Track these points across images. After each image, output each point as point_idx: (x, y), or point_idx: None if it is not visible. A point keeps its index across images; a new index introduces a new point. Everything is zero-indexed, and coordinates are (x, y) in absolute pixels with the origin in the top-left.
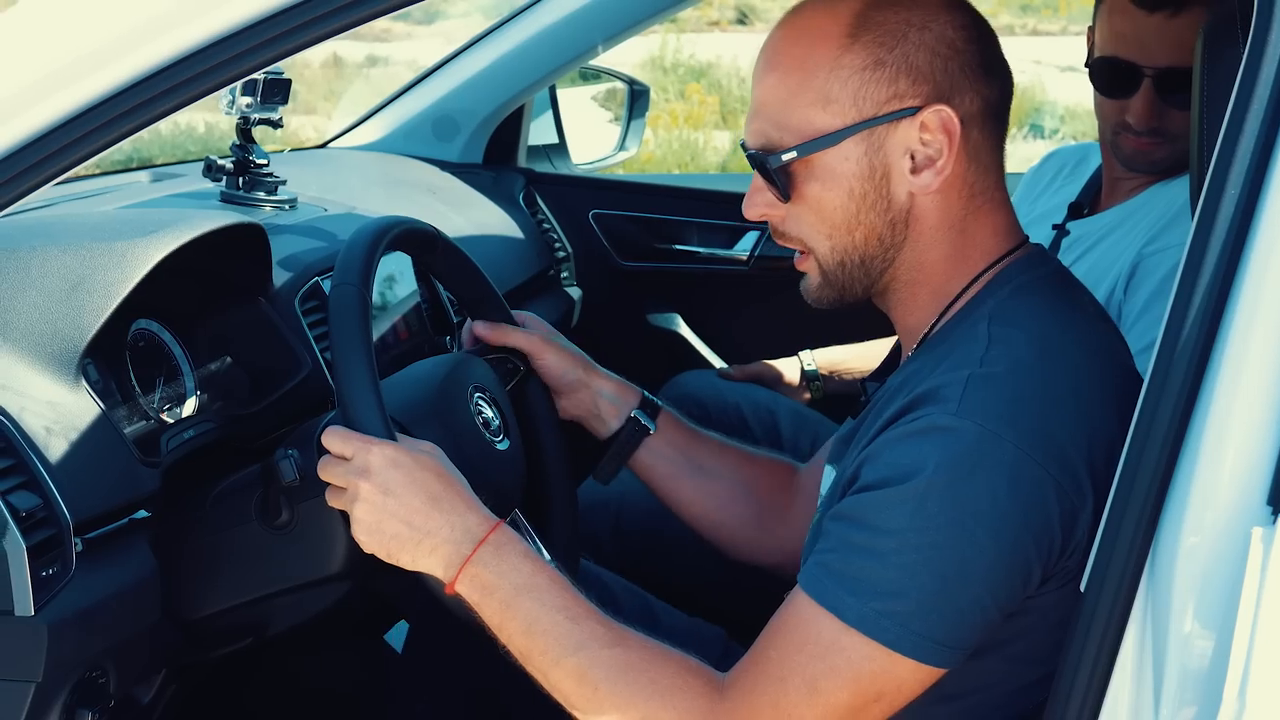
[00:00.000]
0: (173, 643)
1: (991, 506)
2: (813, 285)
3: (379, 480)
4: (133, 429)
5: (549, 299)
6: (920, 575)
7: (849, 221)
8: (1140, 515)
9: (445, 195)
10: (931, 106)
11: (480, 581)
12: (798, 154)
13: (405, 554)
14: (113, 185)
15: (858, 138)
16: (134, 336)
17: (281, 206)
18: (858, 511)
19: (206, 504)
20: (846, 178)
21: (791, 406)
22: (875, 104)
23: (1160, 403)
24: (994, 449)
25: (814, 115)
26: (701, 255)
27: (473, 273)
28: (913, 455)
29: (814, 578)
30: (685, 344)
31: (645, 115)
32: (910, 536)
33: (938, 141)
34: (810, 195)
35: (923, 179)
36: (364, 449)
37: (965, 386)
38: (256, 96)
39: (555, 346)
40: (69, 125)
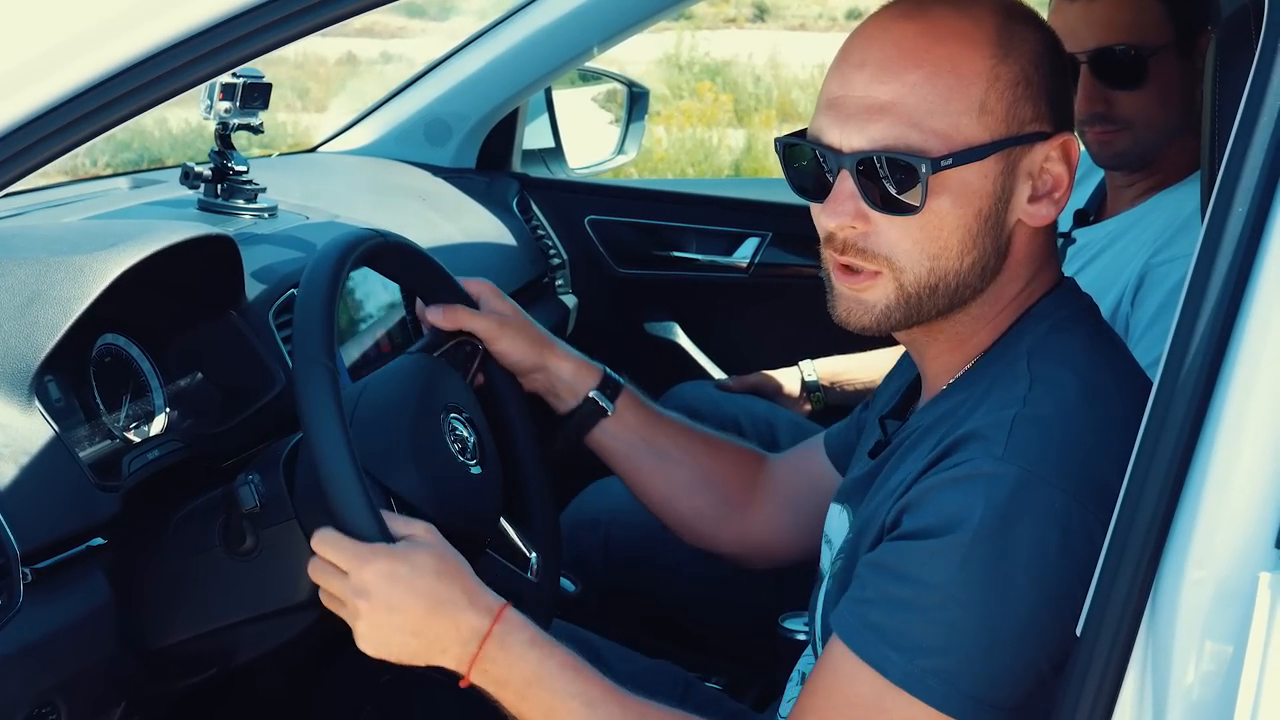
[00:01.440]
0: (133, 673)
1: (1040, 558)
2: (875, 307)
3: (381, 598)
4: (93, 450)
5: (543, 307)
6: (966, 631)
7: (964, 244)
8: (1140, 557)
9: (435, 201)
10: (1062, 134)
11: (491, 676)
12: (954, 162)
13: (418, 660)
14: (90, 192)
15: (999, 155)
16: (99, 352)
17: (261, 215)
18: (898, 562)
19: (169, 528)
20: (980, 196)
21: (790, 419)
22: (1021, 123)
23: (1162, 434)
24: (1042, 496)
25: (965, 124)
26: (700, 262)
27: (418, 258)
28: (957, 504)
29: (854, 630)
30: (683, 354)
31: (645, 118)
32: (955, 591)
33: (1058, 171)
34: (936, 210)
35: (1039, 209)
36: (359, 565)
37: (1011, 429)
38: (235, 101)
39: (509, 329)
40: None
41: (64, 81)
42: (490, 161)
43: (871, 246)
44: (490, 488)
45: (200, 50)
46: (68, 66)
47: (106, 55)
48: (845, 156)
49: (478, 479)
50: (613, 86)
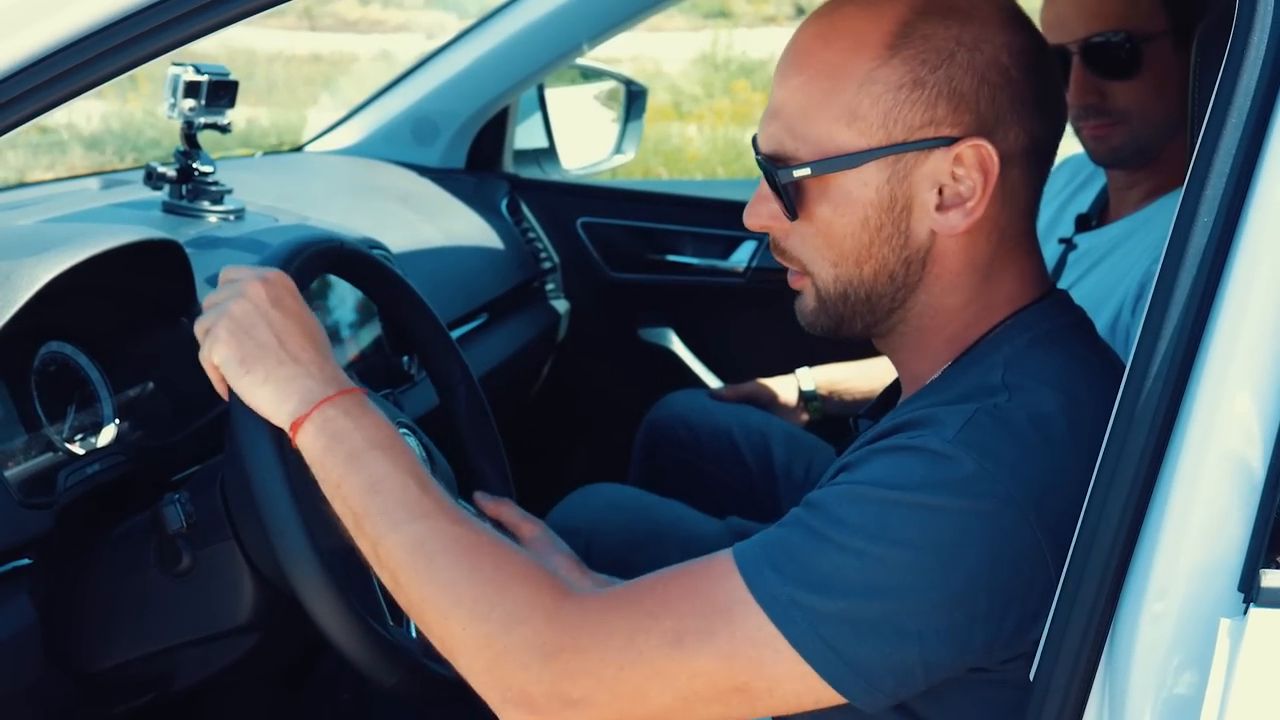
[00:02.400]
0: (65, 699)
1: (957, 546)
2: (807, 309)
3: (272, 292)
4: (29, 463)
5: (532, 312)
6: (853, 581)
7: (859, 252)
8: (1095, 600)
9: (417, 203)
10: (970, 140)
11: (332, 426)
12: (811, 171)
13: (261, 368)
14: (58, 193)
15: (881, 163)
16: (43, 360)
17: (227, 217)
18: (820, 498)
19: (105, 547)
20: (862, 205)
21: (786, 430)
22: (907, 128)
23: (1119, 467)
24: (984, 490)
25: (837, 130)
26: (696, 266)
27: (484, 424)
28: (894, 467)
29: (747, 545)
30: (678, 360)
31: (643, 116)
32: (858, 539)
33: (971, 179)
34: (820, 217)
35: (949, 218)
36: (259, 270)
37: (970, 418)
38: (200, 99)
39: (549, 539)
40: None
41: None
42: (480, 162)
43: (789, 248)
44: None
45: (135, 31)
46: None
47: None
48: (758, 156)
49: None
50: (609, 84)
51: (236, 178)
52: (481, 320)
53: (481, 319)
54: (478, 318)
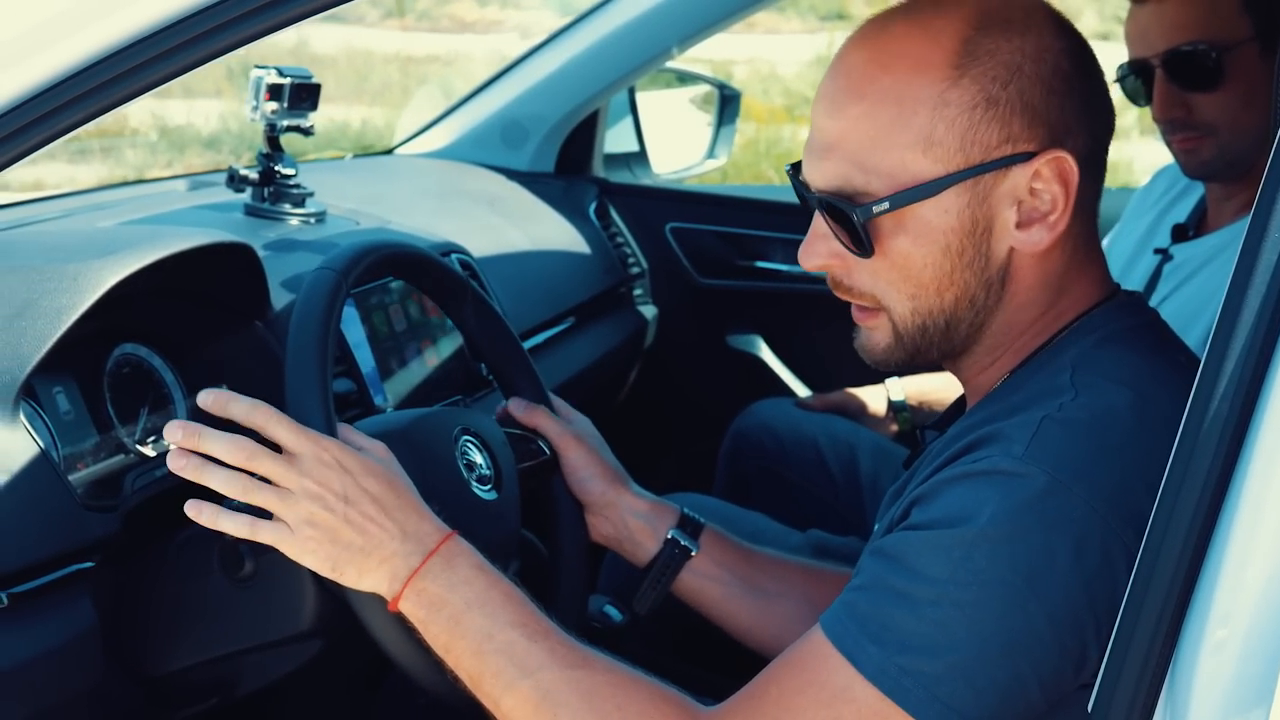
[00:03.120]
0: (127, 702)
1: (1049, 569)
2: (878, 346)
3: (334, 483)
4: (97, 466)
5: (619, 318)
6: (957, 635)
7: (939, 281)
8: (1156, 626)
9: (504, 206)
10: (1048, 153)
11: (427, 596)
12: (890, 206)
13: (352, 568)
14: (143, 195)
15: (960, 187)
16: (117, 362)
17: (307, 219)
18: (899, 549)
19: (172, 550)
20: (943, 232)
21: (874, 440)
22: (984, 148)
23: (1185, 484)
24: (1061, 503)
25: (911, 159)
26: (785, 273)
27: (504, 337)
28: (967, 499)
29: (837, 617)
30: (766, 368)
31: (736, 121)
32: (950, 589)
33: (1051, 192)
34: (896, 250)
35: (1031, 235)
36: (310, 444)
37: (1037, 429)
38: (283, 102)
39: (586, 448)
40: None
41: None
42: (570, 165)
43: (856, 284)
44: (503, 518)
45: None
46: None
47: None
48: (812, 195)
49: (484, 504)
50: (702, 88)
51: (323, 180)
52: (567, 325)
53: (567, 323)
54: (563, 322)
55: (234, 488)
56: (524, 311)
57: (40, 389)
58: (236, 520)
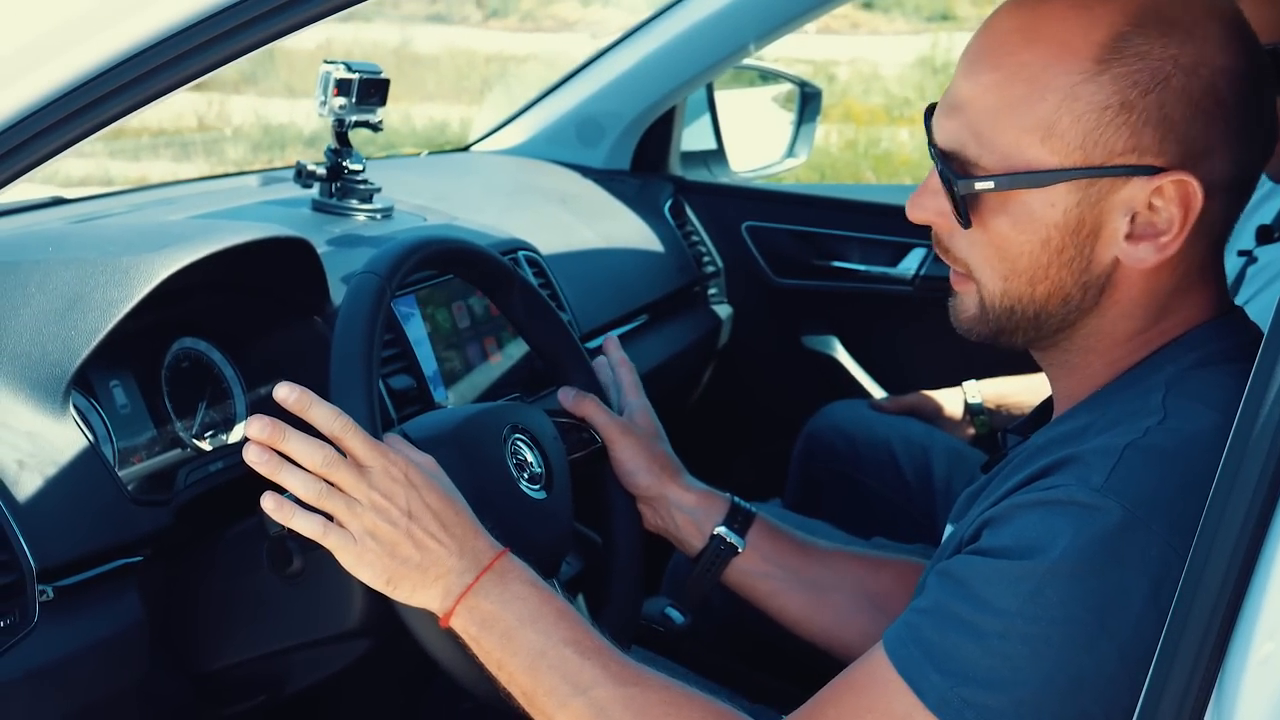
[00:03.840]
0: (176, 697)
1: (1121, 607)
2: (965, 314)
3: (401, 499)
4: (151, 460)
5: (693, 316)
6: (1023, 670)
7: (1033, 271)
8: (1204, 638)
9: (576, 204)
10: (1174, 174)
11: (480, 613)
12: (995, 186)
13: (407, 583)
14: (215, 190)
15: (1073, 184)
16: (177, 356)
17: (374, 215)
18: (967, 575)
19: (219, 546)
20: (1045, 225)
21: (949, 444)
22: (1107, 152)
23: (1234, 491)
24: (1138, 540)
25: (1028, 144)
26: (862, 273)
27: (552, 325)
28: (1040, 529)
29: (901, 640)
30: (841, 370)
31: (817, 119)
32: (1019, 623)
33: (1169, 213)
34: (996, 230)
35: (1138, 250)
36: (387, 461)
37: (1119, 458)
38: (351, 97)
39: (634, 439)
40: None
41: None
42: (646, 163)
43: (954, 248)
44: (554, 517)
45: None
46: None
47: (90, 52)
48: (934, 148)
49: (534, 504)
50: (782, 86)
51: (395, 177)
52: (639, 323)
53: (639, 322)
54: (635, 320)
55: (309, 491)
56: (593, 309)
57: (97, 382)
58: (311, 521)
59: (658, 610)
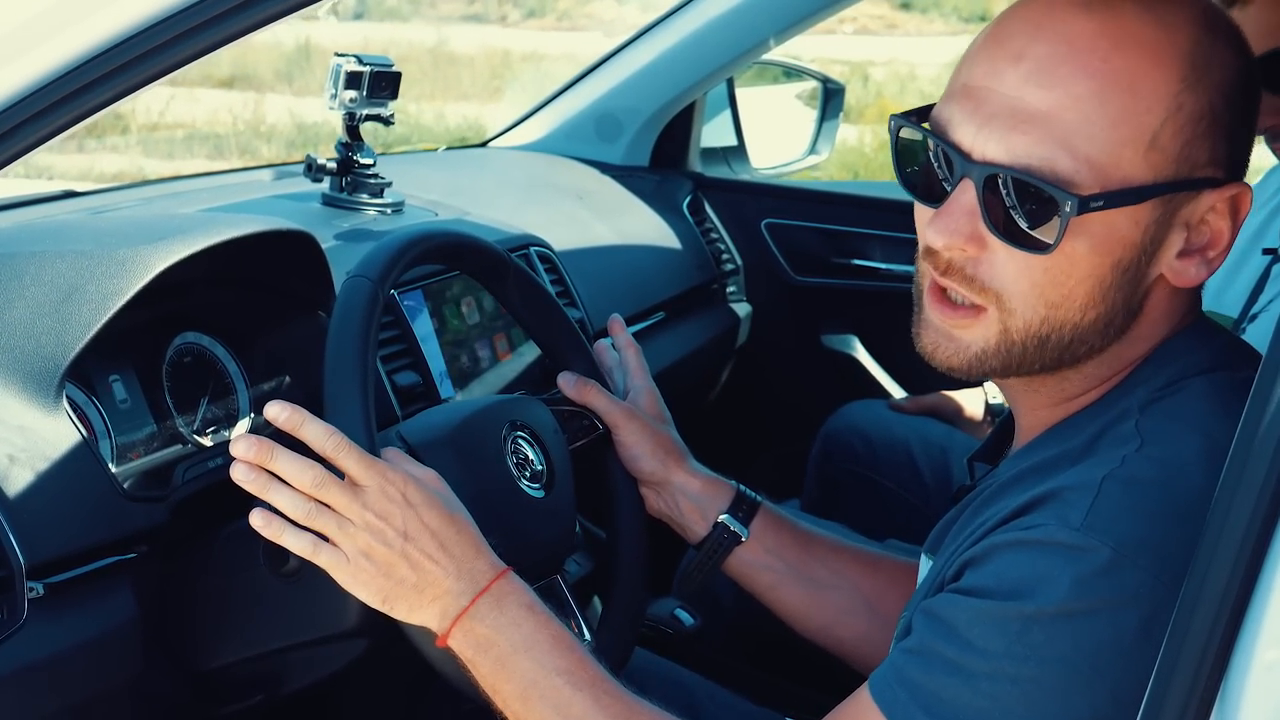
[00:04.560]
0: (171, 695)
1: (1111, 645)
2: (970, 349)
3: (398, 519)
4: (149, 457)
5: (711, 314)
6: (1014, 712)
7: (1091, 295)
8: (1206, 645)
9: (593, 200)
10: (1235, 185)
11: (475, 637)
12: (1105, 204)
13: (403, 603)
14: (227, 184)
15: (1157, 200)
16: (179, 351)
17: (384, 210)
18: (952, 615)
19: (216, 544)
20: (1124, 245)
21: (968, 445)
22: (1193, 165)
23: (1237, 497)
24: (1126, 578)
25: (1127, 157)
26: (883, 272)
27: (549, 311)
28: (1023, 570)
29: (886, 682)
30: (861, 369)
31: (840, 116)
32: (1006, 665)
33: (1218, 226)
34: (1069, 253)
35: (1187, 267)
36: (383, 480)
37: (1097, 494)
38: (362, 90)
39: (638, 423)
40: None
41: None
42: (665, 160)
43: (982, 276)
44: (556, 515)
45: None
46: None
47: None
48: (974, 165)
49: (535, 503)
50: (804, 83)
51: (411, 171)
52: (656, 319)
53: (655, 319)
54: (651, 317)
55: (298, 511)
56: (607, 305)
57: (96, 377)
58: (300, 539)
59: (667, 612)
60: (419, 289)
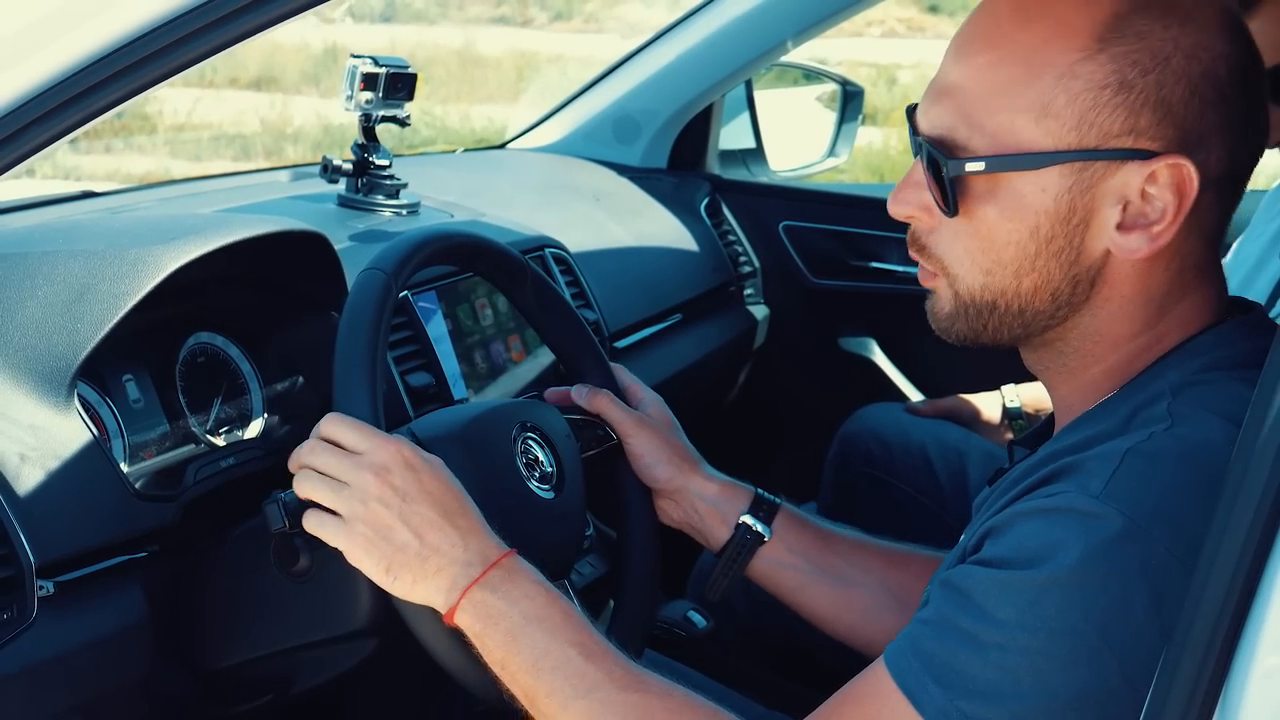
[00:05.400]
0: (181, 694)
1: (1124, 619)
2: (941, 311)
3: (396, 480)
4: (161, 456)
5: (728, 316)
6: (1023, 683)
7: (1020, 263)
8: (1207, 651)
9: (610, 202)
10: (1170, 157)
11: (485, 609)
12: (986, 167)
13: (408, 572)
14: (246, 184)
15: (1066, 168)
16: (192, 351)
17: (400, 211)
18: (968, 585)
19: (228, 543)
20: (1035, 211)
21: (985, 449)
22: (1102, 134)
23: (1239, 499)
24: (1139, 549)
25: (1022, 125)
26: (901, 274)
27: (567, 320)
28: (1039, 538)
29: (901, 652)
30: (878, 372)
31: (859, 119)
32: (1019, 635)
33: (1163, 200)
34: (982, 218)
35: (1129, 240)
36: (376, 443)
37: (1119, 463)
38: (378, 92)
39: (651, 431)
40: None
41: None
42: (683, 161)
43: (930, 245)
44: (565, 518)
45: None
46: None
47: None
48: (915, 138)
49: (543, 503)
50: (823, 85)
51: (428, 173)
52: (673, 322)
53: (672, 320)
54: (668, 319)
55: (300, 483)
56: (623, 308)
57: (110, 376)
58: (311, 517)
59: (680, 614)
60: (433, 290)
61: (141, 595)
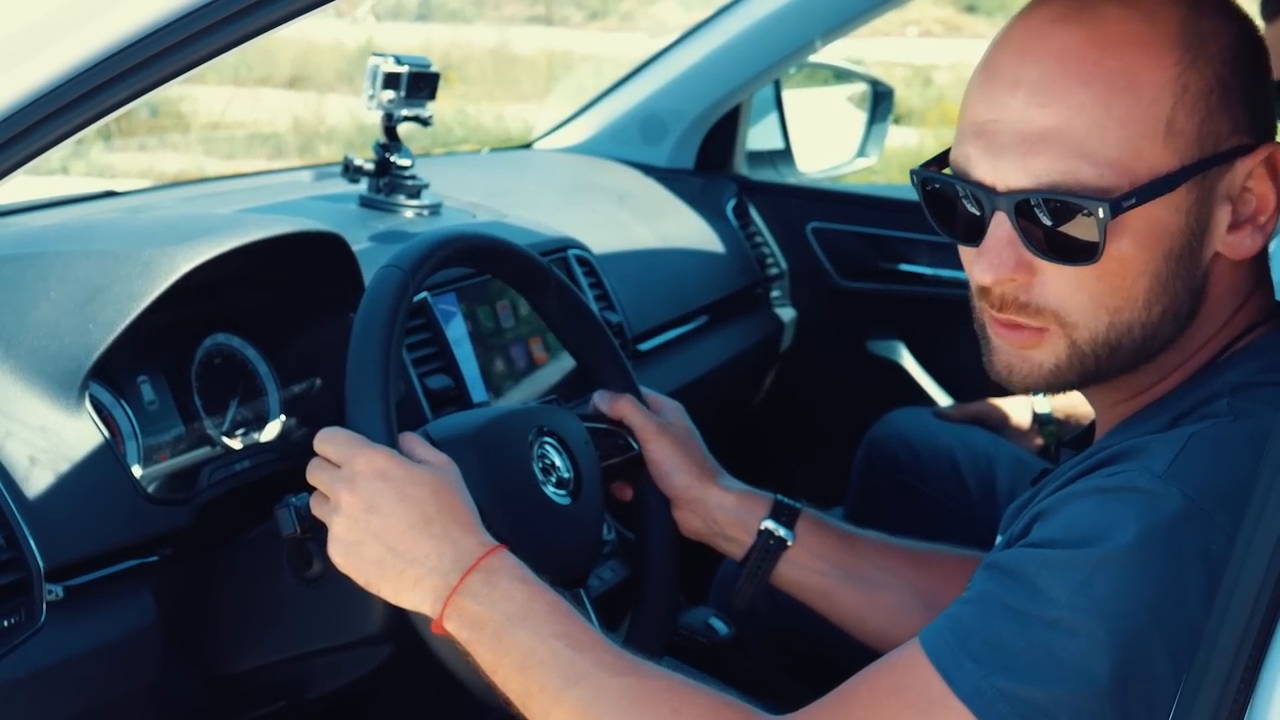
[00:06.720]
0: (193, 699)
1: (1177, 604)
2: (1044, 367)
3: (363, 493)
4: (176, 459)
5: (754, 319)
6: (1065, 664)
7: (1151, 291)
8: (1235, 660)
9: (635, 203)
10: (1265, 147)
11: (469, 616)
12: (1137, 201)
13: (386, 584)
14: (267, 184)
15: (1193, 182)
16: (209, 352)
17: (421, 211)
18: (1015, 565)
19: (240, 548)
20: (1171, 234)
21: (1014, 454)
22: (1216, 139)
23: (1269, 502)
24: (1200, 532)
25: (1148, 149)
26: (930, 277)
27: (589, 327)
28: (1095, 517)
29: (937, 629)
30: (907, 376)
31: (889, 119)
32: (1066, 614)
33: (1260, 190)
34: (1117, 255)
35: (1240, 239)
36: (353, 454)
37: (1184, 445)
38: (400, 91)
39: (671, 441)
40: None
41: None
42: (710, 162)
43: (1036, 300)
44: (581, 524)
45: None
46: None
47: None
48: (1001, 196)
49: (559, 509)
50: (853, 85)
51: (452, 173)
52: (698, 324)
53: (698, 322)
54: (693, 321)
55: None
56: (647, 310)
57: (124, 378)
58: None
59: (701, 621)
60: (453, 291)
61: (152, 600)
